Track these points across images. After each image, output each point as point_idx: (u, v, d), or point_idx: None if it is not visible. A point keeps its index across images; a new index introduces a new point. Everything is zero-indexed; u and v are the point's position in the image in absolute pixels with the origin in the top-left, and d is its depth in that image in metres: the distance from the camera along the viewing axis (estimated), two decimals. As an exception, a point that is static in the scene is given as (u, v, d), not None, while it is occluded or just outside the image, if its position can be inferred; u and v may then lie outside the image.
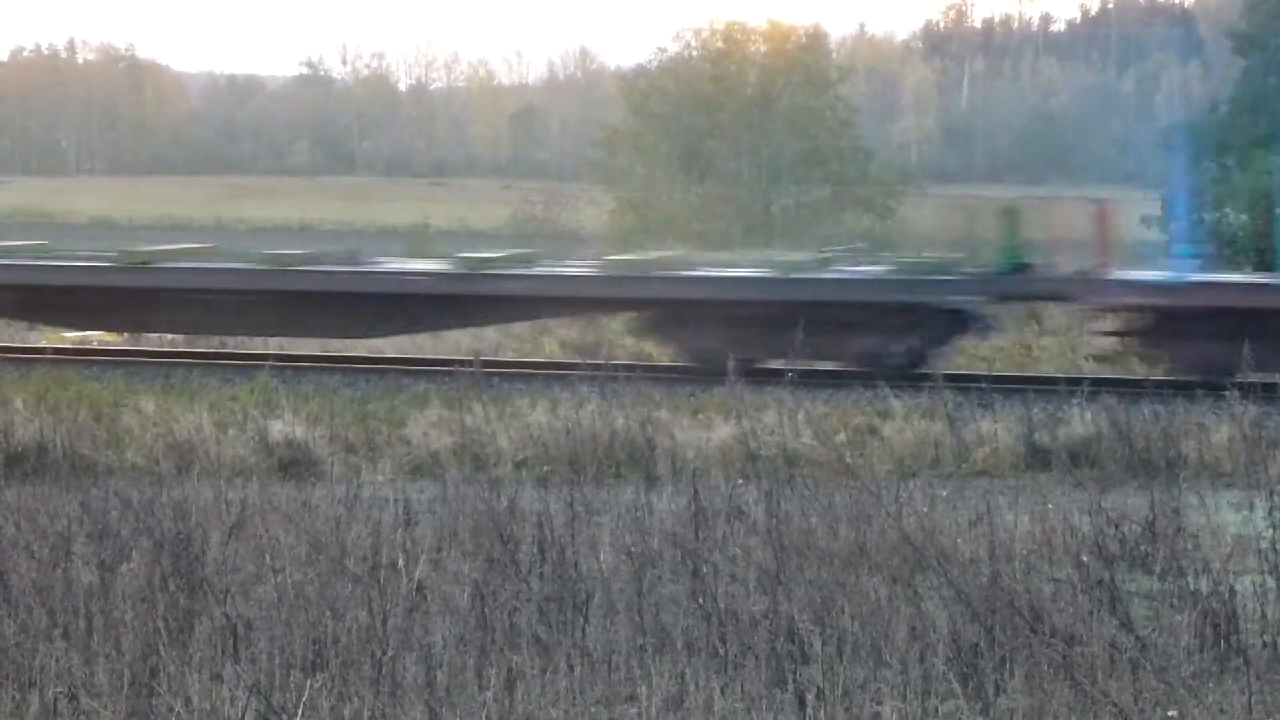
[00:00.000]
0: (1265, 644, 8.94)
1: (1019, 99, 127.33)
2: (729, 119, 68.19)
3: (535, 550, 10.44)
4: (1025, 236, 23.70)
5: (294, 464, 17.37)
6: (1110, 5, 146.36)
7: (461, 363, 21.58)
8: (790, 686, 8.26)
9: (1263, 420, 17.79)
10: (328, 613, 8.99)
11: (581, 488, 12.20)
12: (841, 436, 18.08)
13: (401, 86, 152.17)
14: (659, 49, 77.63)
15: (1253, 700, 7.84)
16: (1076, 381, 19.55)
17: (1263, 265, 33.35)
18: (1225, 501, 13.43)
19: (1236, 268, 37.25)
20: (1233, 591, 9.25)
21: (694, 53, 72.59)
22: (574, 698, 8.16)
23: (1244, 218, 51.16)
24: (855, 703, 8.07)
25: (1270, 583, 9.98)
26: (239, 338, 25.94)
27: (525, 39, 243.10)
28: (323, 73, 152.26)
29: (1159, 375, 21.52)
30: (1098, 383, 19.62)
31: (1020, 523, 11.53)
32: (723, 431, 17.85)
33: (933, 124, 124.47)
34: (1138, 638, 8.71)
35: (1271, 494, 10.52)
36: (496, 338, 26.83)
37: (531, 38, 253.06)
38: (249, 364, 23.39)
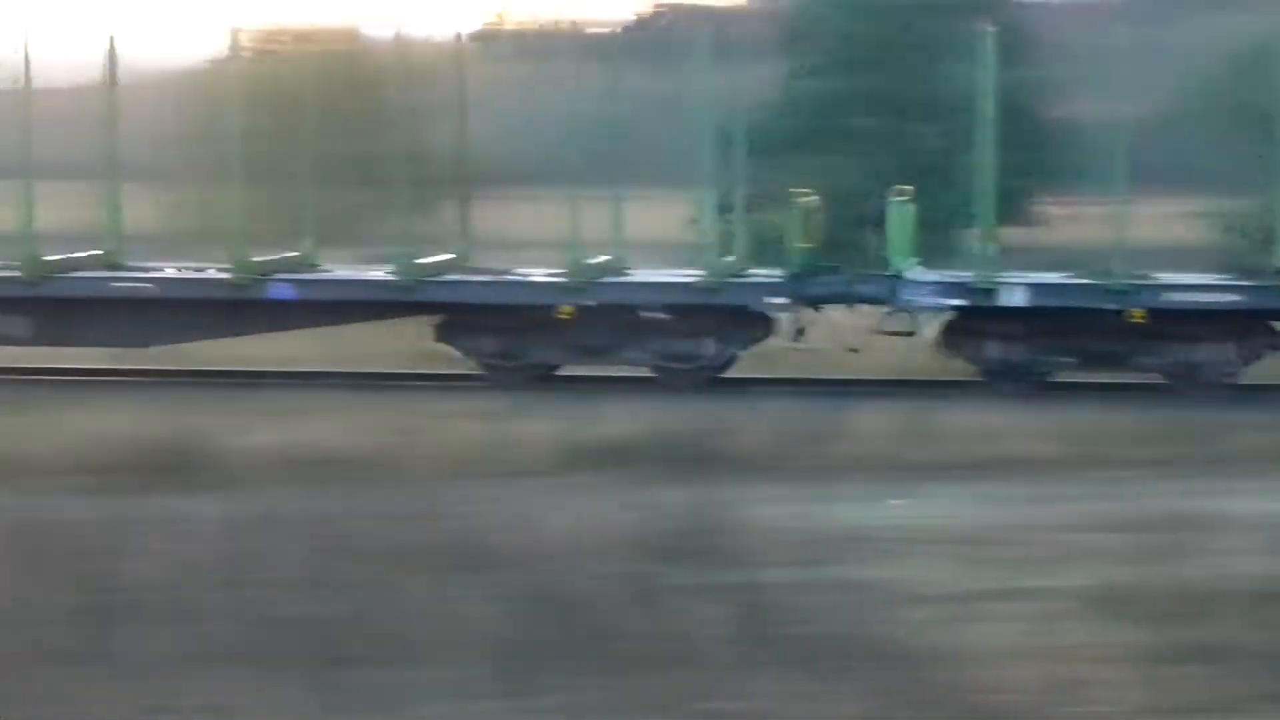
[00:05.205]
0: (791, 635, 9.17)
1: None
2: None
3: (72, 561, 10.15)
4: None
5: None
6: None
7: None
8: (334, 691, 8.19)
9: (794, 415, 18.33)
10: None
11: (123, 497, 11.91)
12: (390, 438, 17.97)
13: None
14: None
15: (787, 689, 8.03)
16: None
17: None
18: (765, 495, 13.72)
19: None
20: (768, 585, 9.48)
21: None
22: (109, 709, 7.95)
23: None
24: (396, 705, 8.03)
25: (800, 575, 10.28)
26: None
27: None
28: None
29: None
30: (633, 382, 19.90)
31: (563, 521, 11.63)
32: (268, 436, 17.57)
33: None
34: (677, 631, 8.86)
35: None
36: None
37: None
38: None
